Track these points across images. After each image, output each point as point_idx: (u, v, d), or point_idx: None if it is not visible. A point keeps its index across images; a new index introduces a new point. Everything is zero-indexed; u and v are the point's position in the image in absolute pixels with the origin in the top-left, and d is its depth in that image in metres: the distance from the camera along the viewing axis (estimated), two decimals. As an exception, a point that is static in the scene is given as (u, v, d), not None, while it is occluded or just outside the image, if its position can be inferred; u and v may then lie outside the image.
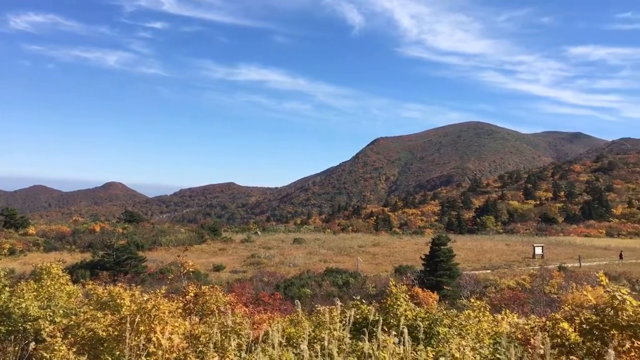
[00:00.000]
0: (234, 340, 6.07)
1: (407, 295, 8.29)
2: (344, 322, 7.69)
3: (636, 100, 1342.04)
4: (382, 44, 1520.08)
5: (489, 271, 55.80)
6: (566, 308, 7.05)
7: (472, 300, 9.15)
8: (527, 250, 72.97)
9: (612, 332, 6.00)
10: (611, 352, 4.08)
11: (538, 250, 69.53)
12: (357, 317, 7.36)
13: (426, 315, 7.62)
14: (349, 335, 6.12)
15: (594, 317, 6.28)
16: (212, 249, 76.87)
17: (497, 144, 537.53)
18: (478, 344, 6.47)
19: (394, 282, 8.56)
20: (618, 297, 6.21)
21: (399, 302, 7.92)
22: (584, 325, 6.26)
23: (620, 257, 68.57)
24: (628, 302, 6.15)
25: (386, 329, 6.54)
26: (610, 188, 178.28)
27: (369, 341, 5.52)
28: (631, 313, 6.02)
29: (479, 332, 7.47)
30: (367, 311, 7.69)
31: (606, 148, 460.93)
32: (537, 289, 43.31)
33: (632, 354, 5.32)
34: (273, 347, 5.29)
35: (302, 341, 6.33)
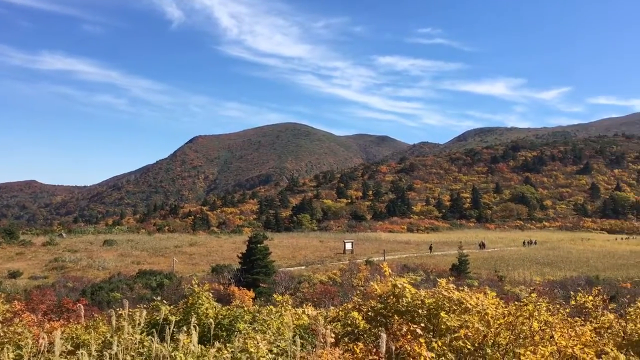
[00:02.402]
0: (11, 352, 5.57)
1: (210, 294, 8.30)
2: (151, 323, 7.49)
3: (434, 108, 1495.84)
4: (201, 40, 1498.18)
5: (303, 267, 57.92)
6: (355, 298, 7.64)
7: (275, 295, 9.45)
8: (338, 246, 77.15)
9: (394, 317, 6.65)
10: (383, 335, 4.53)
11: (348, 246, 73.85)
12: (158, 318, 7.20)
13: (227, 313, 7.74)
14: (145, 338, 5.97)
15: (379, 305, 6.91)
16: (7, 253, 69.13)
17: (314, 145, 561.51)
18: (278, 338, 6.71)
19: (196, 281, 8.53)
20: (399, 285, 6.90)
21: (200, 301, 7.91)
22: (370, 313, 6.86)
23: (430, 249, 76.08)
24: (407, 290, 6.87)
25: (187, 329, 6.47)
26: (411, 187, 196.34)
27: (167, 342, 5.44)
28: (410, 300, 6.74)
29: (281, 326, 7.74)
30: (168, 312, 7.58)
31: (408, 151, 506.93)
32: (346, 282, 45.89)
33: (408, 336, 5.94)
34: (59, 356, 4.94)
35: (97, 347, 6.02)
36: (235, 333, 7.13)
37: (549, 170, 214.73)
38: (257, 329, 7.39)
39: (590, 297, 8.32)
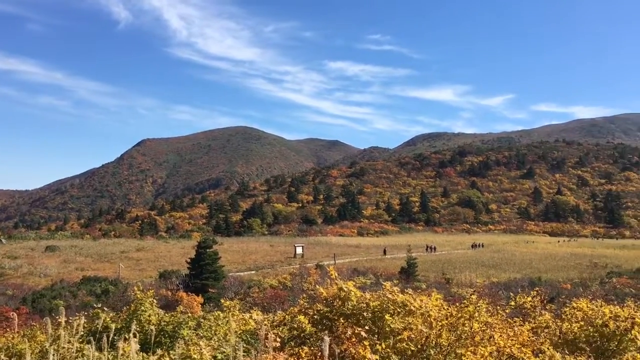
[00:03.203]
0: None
1: (154, 300, 8.15)
2: (92, 331, 7.27)
3: (384, 113, 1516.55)
4: (150, 42, 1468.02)
5: (253, 272, 57.57)
6: (302, 302, 7.65)
7: (222, 301, 9.36)
8: (289, 251, 77.04)
9: (339, 321, 6.70)
10: (326, 339, 4.56)
11: (299, 250, 73.88)
12: (98, 326, 7.01)
13: (171, 319, 7.61)
14: (84, 346, 5.79)
15: (325, 309, 6.95)
16: (-58, 261, 65.87)
17: (265, 149, 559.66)
18: (223, 343, 6.65)
19: (140, 288, 8.35)
20: (345, 289, 6.95)
21: (143, 308, 7.75)
22: (316, 317, 6.89)
23: (384, 252, 76.83)
24: (353, 294, 6.93)
25: (129, 336, 6.33)
26: (361, 191, 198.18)
27: (105, 350, 5.30)
28: (355, 303, 6.81)
29: (227, 332, 7.67)
30: (109, 319, 7.39)
31: (359, 155, 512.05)
32: (296, 287, 45.86)
33: (353, 339, 6.00)
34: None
35: (33, 357, 5.81)
36: (179, 340, 7.02)
37: (494, 174, 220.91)
38: (202, 335, 7.30)
39: (529, 298, 8.62)
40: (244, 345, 7.05)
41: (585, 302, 8.02)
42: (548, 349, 6.26)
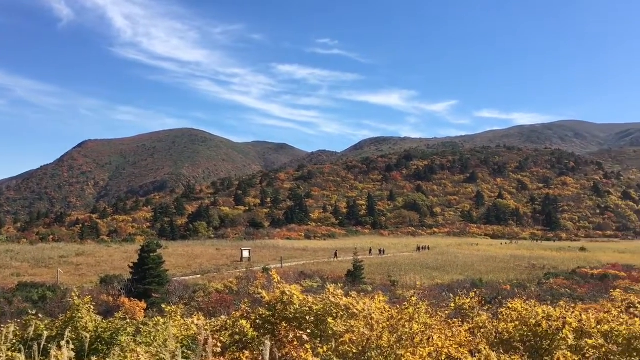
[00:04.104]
0: None
1: (91, 306, 7.91)
2: (25, 339, 6.98)
3: (331, 117, 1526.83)
4: (93, 41, 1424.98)
5: (199, 276, 56.66)
6: (244, 306, 7.60)
7: (164, 305, 9.18)
8: (235, 254, 76.32)
9: (282, 324, 6.69)
10: (267, 343, 4.54)
11: (245, 254, 73.30)
12: (31, 334, 6.74)
13: (108, 326, 7.41)
14: (15, 355, 5.55)
15: (267, 313, 6.92)
16: None
17: (211, 152, 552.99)
18: (163, 350, 6.51)
19: (76, 293, 8.09)
20: (287, 293, 6.95)
21: (80, 314, 7.51)
22: (258, 321, 6.86)
23: (335, 255, 76.99)
24: (295, 297, 6.93)
25: (64, 344, 6.12)
26: (309, 195, 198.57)
27: (40, 359, 5.10)
28: (298, 306, 6.81)
29: (168, 338, 7.52)
30: (43, 326, 7.12)
31: (306, 158, 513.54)
32: (242, 291, 45.50)
33: (295, 343, 6.01)
34: None
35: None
36: (116, 347, 6.84)
37: (439, 178, 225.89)
38: (141, 341, 7.13)
39: (468, 300, 8.86)
40: (185, 351, 6.95)
41: (520, 302, 8.29)
42: (484, 348, 6.44)
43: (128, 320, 7.79)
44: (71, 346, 5.80)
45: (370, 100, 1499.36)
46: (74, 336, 6.75)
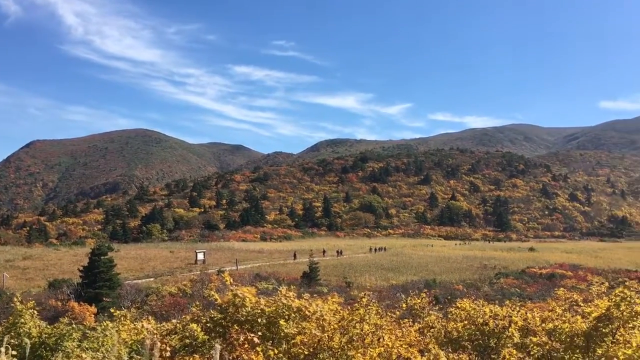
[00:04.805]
0: None
1: (35, 311, 7.67)
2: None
3: (287, 119, 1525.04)
4: (43, 39, 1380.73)
5: (152, 279, 55.63)
6: (194, 310, 7.52)
7: (112, 310, 8.99)
8: (190, 257, 75.29)
9: (233, 327, 6.63)
10: (217, 346, 4.51)
11: (200, 256, 72.34)
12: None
13: (53, 331, 7.19)
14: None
15: (218, 315, 6.86)
16: None
17: (166, 153, 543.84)
18: (110, 355, 6.39)
19: (19, 298, 7.82)
20: (239, 295, 6.90)
21: (23, 320, 7.27)
22: (209, 324, 6.79)
23: (294, 257, 76.80)
24: (248, 300, 6.89)
25: (2, 350, 5.91)
26: (265, 196, 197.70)
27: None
28: (250, 309, 6.77)
29: (117, 342, 7.36)
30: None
31: (263, 160, 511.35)
32: (197, 293, 44.93)
33: (246, 345, 5.97)
34: None
35: None
36: (60, 353, 6.65)
37: (394, 180, 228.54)
38: (87, 347, 6.95)
39: (418, 300, 9.00)
40: (134, 355, 6.82)
41: (468, 302, 8.48)
42: (434, 347, 6.56)
43: (74, 326, 7.57)
44: (12, 352, 5.61)
45: (326, 102, 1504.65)
46: (16, 342, 6.53)
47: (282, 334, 6.66)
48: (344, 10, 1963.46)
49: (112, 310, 8.86)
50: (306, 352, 6.23)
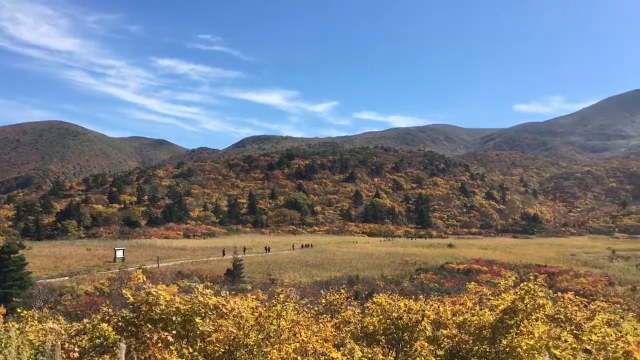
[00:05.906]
0: None
1: None
2: None
3: (213, 114, 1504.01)
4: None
5: (67, 278, 53.34)
6: (105, 309, 7.27)
7: (19, 310, 8.54)
8: (108, 254, 72.84)
9: (147, 326, 6.46)
10: (122, 345, 4.37)
11: (119, 254, 70.16)
12: None
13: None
14: None
15: (131, 314, 6.66)
16: None
17: (83, 146, 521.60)
18: (14, 357, 6.05)
19: None
20: (153, 293, 6.72)
21: None
22: (120, 323, 6.57)
23: (223, 253, 75.88)
24: (162, 298, 6.73)
25: None
26: (189, 193, 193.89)
27: None
28: (164, 307, 6.61)
29: (22, 344, 7.00)
30: None
31: (187, 155, 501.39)
32: (115, 292, 43.54)
33: (159, 344, 5.83)
34: None
35: None
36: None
37: (320, 177, 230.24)
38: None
39: (337, 295, 9.12)
40: (40, 357, 6.51)
41: (384, 297, 8.68)
42: (349, 342, 6.66)
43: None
44: None
45: (252, 98, 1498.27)
46: None
47: (197, 332, 6.56)
48: (271, 7, 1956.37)
49: (19, 311, 8.40)
50: (222, 350, 6.16)
